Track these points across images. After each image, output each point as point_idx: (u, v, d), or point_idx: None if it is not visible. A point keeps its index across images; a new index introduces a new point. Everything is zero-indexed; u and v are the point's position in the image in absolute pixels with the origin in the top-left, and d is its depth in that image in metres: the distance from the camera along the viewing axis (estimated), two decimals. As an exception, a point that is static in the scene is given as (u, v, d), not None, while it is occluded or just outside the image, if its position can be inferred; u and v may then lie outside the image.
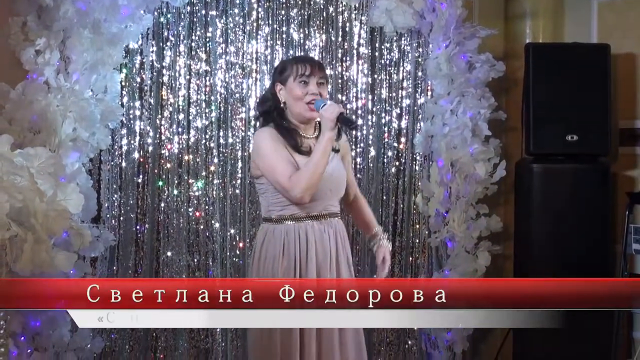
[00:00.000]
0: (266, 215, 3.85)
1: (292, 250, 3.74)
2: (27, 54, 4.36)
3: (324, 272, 3.76)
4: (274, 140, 3.74)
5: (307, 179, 3.59)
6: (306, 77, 3.74)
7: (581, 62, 5.57)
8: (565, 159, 5.55)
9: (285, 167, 3.66)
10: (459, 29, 5.41)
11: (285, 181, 3.62)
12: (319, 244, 3.76)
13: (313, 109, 3.70)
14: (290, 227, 3.76)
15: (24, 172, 2.65)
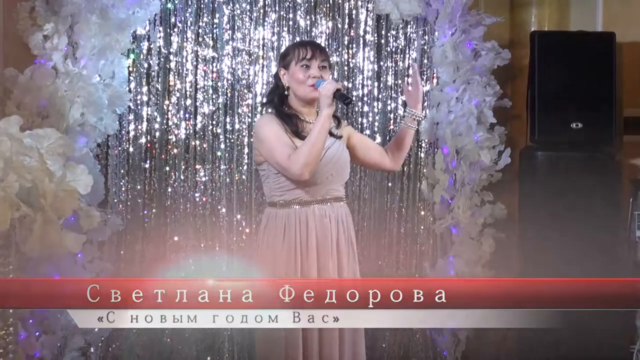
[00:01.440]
0: (269, 200, 3.89)
1: (292, 234, 3.78)
2: (35, 39, 4.36)
3: (323, 256, 3.79)
4: (274, 125, 3.78)
5: (305, 155, 3.61)
6: (307, 61, 3.77)
7: (586, 51, 5.55)
8: (570, 147, 5.53)
9: (283, 148, 3.69)
10: (465, 17, 5.41)
11: (285, 160, 3.66)
12: (319, 228, 3.79)
13: (315, 89, 3.73)
14: (292, 212, 3.79)
15: (33, 153, 2.65)
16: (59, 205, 2.65)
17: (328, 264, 3.79)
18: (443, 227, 5.46)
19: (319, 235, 3.79)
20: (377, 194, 5.32)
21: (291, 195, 3.78)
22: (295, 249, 3.77)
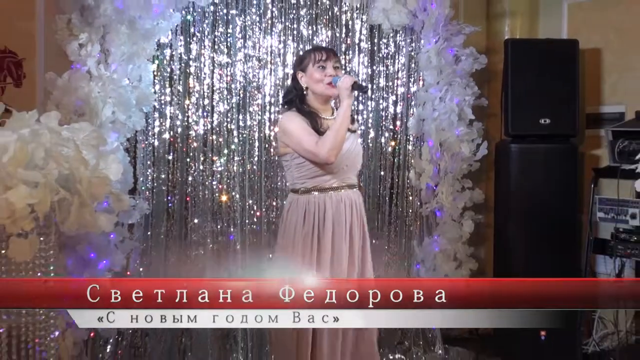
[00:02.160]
0: (292, 187, 3.92)
1: (311, 218, 3.78)
2: (72, 47, 4.34)
3: (338, 237, 3.79)
4: (298, 119, 3.80)
5: (331, 141, 3.65)
6: (323, 62, 3.80)
7: (553, 56, 5.58)
8: (539, 140, 5.56)
9: (310, 137, 3.72)
10: (447, 27, 5.45)
11: (313, 146, 3.68)
12: (335, 211, 3.79)
13: (332, 86, 3.76)
14: (311, 198, 3.80)
15: (70, 144, 2.62)
16: (93, 190, 2.63)
17: (342, 242, 3.80)
18: (429, 210, 5.48)
19: (334, 218, 3.79)
20: (370, 181, 5.31)
21: (311, 183, 3.80)
22: (314, 230, 3.77)
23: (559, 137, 5.57)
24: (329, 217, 3.79)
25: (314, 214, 3.79)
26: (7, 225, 2.44)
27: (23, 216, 2.45)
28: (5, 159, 2.47)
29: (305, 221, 3.79)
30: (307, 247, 3.78)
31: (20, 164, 2.48)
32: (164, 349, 4.69)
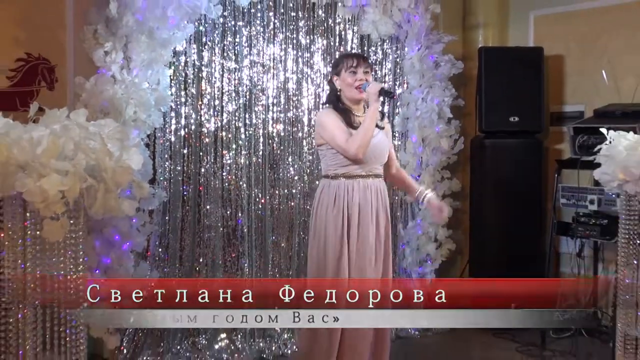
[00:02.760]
0: (325, 173, 3.91)
1: (341, 200, 3.78)
2: (98, 54, 4.31)
3: (364, 217, 3.79)
4: (333, 116, 3.82)
5: (360, 139, 3.68)
6: (354, 68, 3.81)
7: (521, 62, 5.64)
8: (509, 136, 5.61)
9: (342, 134, 3.74)
10: (428, 36, 5.46)
11: (344, 143, 3.71)
12: (362, 196, 3.79)
13: (362, 91, 3.78)
14: (342, 183, 3.80)
15: (96, 138, 2.60)
16: (117, 178, 2.61)
17: (368, 223, 3.78)
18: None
19: (361, 202, 3.79)
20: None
21: (342, 170, 3.80)
22: (343, 212, 3.77)
23: (526, 133, 5.60)
24: (356, 201, 3.79)
25: (343, 197, 3.79)
26: (41, 209, 2.43)
27: (55, 201, 2.44)
28: (39, 151, 2.46)
29: (336, 203, 3.80)
30: (338, 225, 3.77)
31: (52, 155, 2.47)
32: (181, 319, 4.67)
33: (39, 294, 2.64)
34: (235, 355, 4.71)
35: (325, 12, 5.11)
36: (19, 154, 2.42)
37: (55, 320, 2.69)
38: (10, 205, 2.52)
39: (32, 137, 2.47)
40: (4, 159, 2.40)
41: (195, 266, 4.71)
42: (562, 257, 5.75)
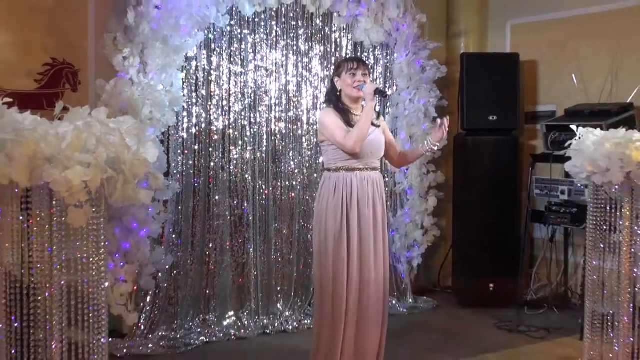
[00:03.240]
0: (326, 167, 3.90)
1: (340, 190, 3.77)
2: (117, 59, 4.30)
3: (362, 205, 3.78)
4: (332, 115, 3.81)
5: (356, 135, 3.66)
6: (354, 70, 3.79)
7: (499, 66, 5.65)
8: (488, 133, 5.62)
9: (340, 131, 3.72)
10: (415, 43, 5.47)
11: (342, 139, 3.70)
12: (360, 187, 3.77)
13: (359, 90, 3.76)
14: (341, 175, 3.78)
15: (116, 133, 2.58)
16: (134, 169, 2.59)
17: (365, 212, 3.77)
18: (401, 188, 5.49)
19: (359, 192, 3.77)
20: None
21: (342, 164, 3.78)
22: (342, 202, 3.76)
23: (503, 130, 5.61)
24: (354, 191, 3.77)
25: (342, 187, 3.78)
26: (66, 197, 2.41)
27: (79, 190, 2.42)
28: (64, 145, 2.44)
29: (336, 193, 3.78)
30: (337, 212, 3.77)
31: (76, 149, 2.45)
32: (192, 298, 4.66)
33: (65, 274, 2.62)
34: (241, 331, 4.70)
35: (322, 21, 5.09)
36: (46, 148, 2.40)
37: (79, 299, 2.67)
38: (38, 194, 2.51)
39: (57, 133, 2.45)
40: (32, 152, 2.39)
41: (205, 251, 4.70)
42: (536, 242, 5.77)
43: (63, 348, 2.64)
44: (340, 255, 3.71)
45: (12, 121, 2.48)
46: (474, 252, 5.54)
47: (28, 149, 2.38)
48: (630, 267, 3.64)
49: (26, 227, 2.56)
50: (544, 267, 5.60)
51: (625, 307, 3.64)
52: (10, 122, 2.47)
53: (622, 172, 3.49)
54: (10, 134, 2.41)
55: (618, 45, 5.24)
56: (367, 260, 3.75)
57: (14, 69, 4.26)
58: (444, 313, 5.39)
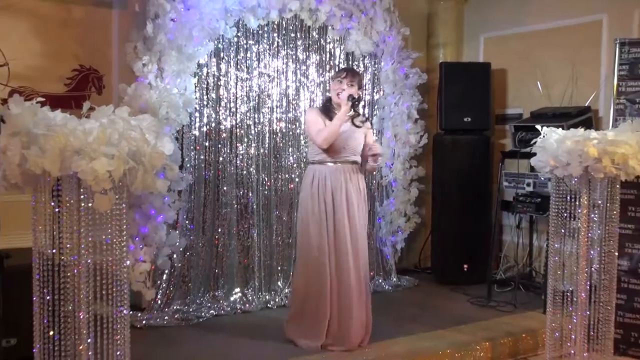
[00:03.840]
0: (309, 159, 3.97)
1: (316, 181, 3.84)
2: (137, 66, 4.28)
3: (336, 193, 3.82)
4: (314, 114, 3.91)
5: (326, 134, 3.75)
6: (341, 79, 3.86)
7: (473, 74, 5.65)
8: (463, 133, 5.63)
9: (315, 128, 3.80)
10: (400, 53, 5.45)
11: (314, 135, 3.79)
12: (334, 177, 3.83)
13: (339, 96, 3.84)
14: (317, 167, 3.86)
15: (137, 129, 2.56)
16: (153, 161, 2.57)
17: (341, 200, 3.82)
18: (387, 181, 5.49)
19: (333, 181, 3.82)
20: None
21: (318, 157, 3.86)
22: (319, 189, 3.82)
23: (477, 130, 5.61)
24: (328, 182, 3.82)
25: (318, 178, 3.84)
26: (92, 185, 2.39)
27: (103, 179, 2.40)
28: (91, 139, 2.42)
29: (313, 183, 3.85)
30: (315, 200, 3.82)
31: (101, 143, 2.43)
32: (203, 276, 4.65)
33: (91, 254, 2.61)
34: (246, 305, 4.69)
35: (318, 33, 5.06)
36: (75, 142, 2.38)
37: (104, 276, 2.66)
38: (67, 182, 2.48)
39: (85, 128, 2.43)
40: (62, 145, 2.37)
41: (214, 235, 4.69)
42: (505, 228, 5.78)
43: (89, 318, 2.62)
44: (319, 236, 3.78)
45: (45, 118, 2.46)
46: (450, 237, 5.54)
47: (59, 142, 2.36)
48: (587, 250, 3.66)
49: (57, 212, 2.54)
50: (511, 250, 5.61)
51: (582, 285, 3.65)
52: (43, 119, 2.45)
53: (580, 166, 3.49)
54: (43, 129, 2.39)
55: (577, 55, 5.24)
56: (343, 240, 3.79)
57: (47, 74, 4.25)
58: (424, 290, 5.40)
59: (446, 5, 6.02)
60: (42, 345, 2.57)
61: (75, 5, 4.31)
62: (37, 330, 2.57)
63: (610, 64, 4.59)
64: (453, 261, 5.52)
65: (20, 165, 2.39)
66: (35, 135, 2.38)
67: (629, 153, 3.48)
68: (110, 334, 2.64)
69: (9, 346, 3.02)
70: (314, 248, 3.81)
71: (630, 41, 4.33)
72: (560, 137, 3.60)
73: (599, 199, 3.62)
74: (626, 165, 3.49)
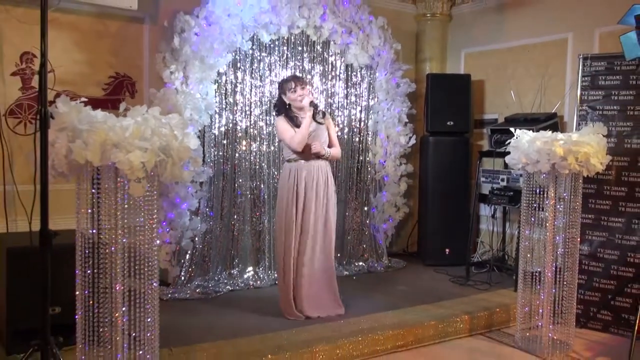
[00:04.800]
0: (286, 158, 3.98)
1: (293, 176, 3.89)
2: (166, 73, 4.28)
3: (308, 186, 3.89)
4: (284, 122, 3.91)
5: (298, 138, 3.82)
6: (294, 88, 3.88)
7: (455, 84, 5.63)
8: (447, 135, 5.60)
9: (288, 135, 3.85)
10: (392, 65, 5.43)
11: (289, 141, 3.84)
12: (306, 173, 3.90)
13: (302, 102, 3.85)
14: (293, 165, 3.91)
15: (166, 126, 2.56)
16: (180, 154, 2.57)
17: (312, 190, 3.88)
18: (380, 176, 5.45)
19: (306, 176, 3.89)
20: (345, 160, 5.23)
21: (293, 156, 3.90)
22: (295, 184, 3.87)
23: (458, 133, 5.59)
24: (302, 176, 3.88)
25: (294, 174, 3.89)
26: (128, 174, 2.39)
27: (138, 169, 2.40)
28: (127, 134, 2.42)
29: (290, 178, 3.90)
30: (291, 192, 3.88)
31: (136, 137, 2.43)
32: (220, 256, 4.65)
33: (126, 234, 2.61)
34: (258, 281, 4.70)
35: (322, 47, 5.03)
36: (113, 136, 2.38)
37: (137, 254, 2.66)
38: (106, 171, 2.49)
39: (122, 125, 2.43)
40: (103, 139, 2.37)
41: (231, 221, 4.68)
42: (481, 218, 5.77)
43: (124, 290, 2.63)
44: (290, 224, 3.85)
45: (88, 115, 2.46)
46: (434, 225, 5.53)
47: (100, 137, 2.36)
48: (553, 236, 3.67)
49: (97, 197, 2.54)
50: (487, 236, 5.60)
51: (549, 266, 3.66)
52: (86, 116, 2.46)
53: (548, 163, 3.51)
54: (86, 125, 2.40)
55: (545, 69, 5.24)
56: (312, 224, 3.87)
57: (86, 80, 4.24)
58: (411, 271, 5.39)
59: (432, 25, 6.00)
60: (83, 312, 2.57)
61: (111, 20, 4.30)
62: (79, 300, 2.58)
63: (575, 76, 4.59)
64: (436, 246, 5.51)
65: (66, 156, 2.39)
66: (80, 130, 2.39)
67: (591, 152, 3.49)
68: (142, 304, 2.64)
69: (54, 314, 3.02)
70: (285, 231, 3.90)
71: (592, 56, 4.33)
72: (531, 138, 3.61)
73: (564, 192, 3.63)
74: (588, 163, 3.50)
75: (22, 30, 3.94)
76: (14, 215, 3.81)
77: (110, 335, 2.60)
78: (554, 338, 3.70)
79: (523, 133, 3.68)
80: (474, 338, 4.00)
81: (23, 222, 3.44)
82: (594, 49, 4.81)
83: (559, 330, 3.71)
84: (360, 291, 4.58)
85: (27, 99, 4.01)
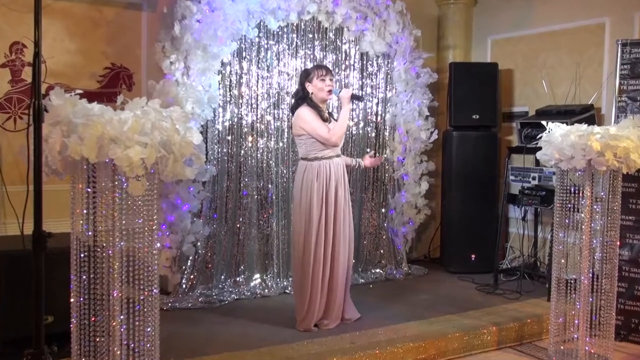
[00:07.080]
0: (304, 156, 3.93)
1: (322, 176, 3.87)
2: (165, 64, 4.32)
3: (339, 187, 3.91)
4: (312, 113, 3.87)
5: (338, 131, 3.85)
6: (324, 76, 3.88)
7: (481, 74, 5.63)
8: (472, 129, 5.62)
9: (323, 127, 3.84)
10: (412, 53, 5.44)
11: (326, 134, 3.82)
12: (336, 172, 3.91)
13: (331, 93, 3.90)
14: (321, 163, 3.89)
15: (168, 120, 2.59)
16: (182, 150, 2.60)
17: (340, 192, 3.92)
18: (399, 175, 5.47)
19: (337, 176, 3.91)
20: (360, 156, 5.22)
21: (320, 154, 3.89)
22: (325, 183, 3.88)
23: (484, 127, 5.60)
24: (332, 176, 3.88)
25: (324, 173, 3.87)
26: (127, 171, 2.43)
27: (137, 166, 2.43)
28: (126, 128, 2.45)
29: (318, 179, 3.87)
30: (319, 194, 3.86)
31: (135, 132, 2.46)
32: (225, 262, 4.69)
33: (124, 237, 2.64)
34: (265, 290, 4.73)
35: (334, 34, 5.07)
36: (111, 130, 2.42)
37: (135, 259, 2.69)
38: (103, 169, 2.52)
39: (120, 118, 2.46)
40: (99, 133, 2.40)
41: (236, 223, 4.72)
42: (510, 221, 5.77)
43: (122, 298, 2.66)
44: (320, 229, 3.86)
45: (83, 108, 2.49)
46: (459, 229, 5.54)
47: (96, 131, 2.40)
48: (589, 240, 3.65)
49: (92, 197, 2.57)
50: (517, 241, 5.60)
51: (585, 273, 3.65)
52: (82, 109, 2.49)
53: (584, 159, 3.50)
54: (82, 118, 2.43)
55: (580, 56, 5.23)
56: (342, 227, 3.92)
57: (80, 72, 4.30)
58: (433, 278, 5.40)
59: (456, 9, 6.02)
60: (78, 321, 2.61)
61: (107, 6, 4.36)
62: (74, 307, 2.61)
63: (613, 64, 4.58)
64: (461, 251, 5.52)
65: (60, 152, 2.43)
66: (75, 125, 2.43)
67: (630, 147, 3.47)
68: (141, 312, 2.67)
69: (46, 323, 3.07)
70: (316, 236, 3.89)
71: (631, 42, 4.32)
72: (565, 131, 3.60)
73: (601, 191, 3.62)
74: (628, 159, 3.49)
75: (11, 18, 4.00)
76: (2, 217, 3.88)
77: (107, 345, 2.64)
78: (591, 352, 3.69)
79: (556, 126, 3.67)
80: (502, 352, 4.00)
81: (12, 226, 3.50)
82: (634, 34, 4.79)
83: (596, 344, 3.70)
84: (377, 300, 4.60)
85: (17, 93, 4.08)
